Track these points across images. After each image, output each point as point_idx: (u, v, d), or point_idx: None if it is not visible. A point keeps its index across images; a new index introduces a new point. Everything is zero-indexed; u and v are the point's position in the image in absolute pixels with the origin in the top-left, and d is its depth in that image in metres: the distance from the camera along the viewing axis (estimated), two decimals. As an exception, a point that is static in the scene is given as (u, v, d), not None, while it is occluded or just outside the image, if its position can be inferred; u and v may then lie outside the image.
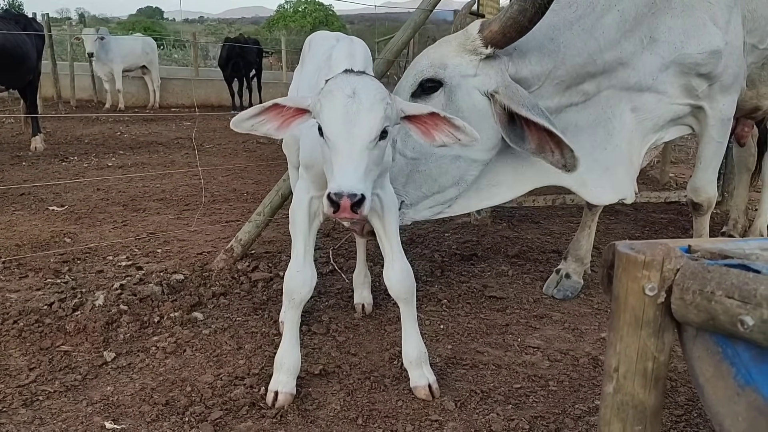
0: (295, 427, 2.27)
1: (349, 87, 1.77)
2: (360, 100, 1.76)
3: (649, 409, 1.19)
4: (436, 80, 2.65)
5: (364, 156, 1.78)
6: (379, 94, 1.81)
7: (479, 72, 2.63)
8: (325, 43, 2.62)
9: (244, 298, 3.36)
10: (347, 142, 1.77)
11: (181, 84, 14.91)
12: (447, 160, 2.71)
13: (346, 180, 1.73)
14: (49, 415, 2.30)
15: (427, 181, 2.74)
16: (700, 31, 2.94)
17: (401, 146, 2.69)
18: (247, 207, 5.27)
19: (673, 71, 2.98)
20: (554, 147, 2.58)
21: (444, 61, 2.65)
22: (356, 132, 1.76)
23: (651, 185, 6.52)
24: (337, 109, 1.76)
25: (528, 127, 2.60)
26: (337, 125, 1.78)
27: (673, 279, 1.13)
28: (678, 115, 3.14)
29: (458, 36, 2.69)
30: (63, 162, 7.24)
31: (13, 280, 3.53)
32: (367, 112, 1.77)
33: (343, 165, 1.76)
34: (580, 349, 2.91)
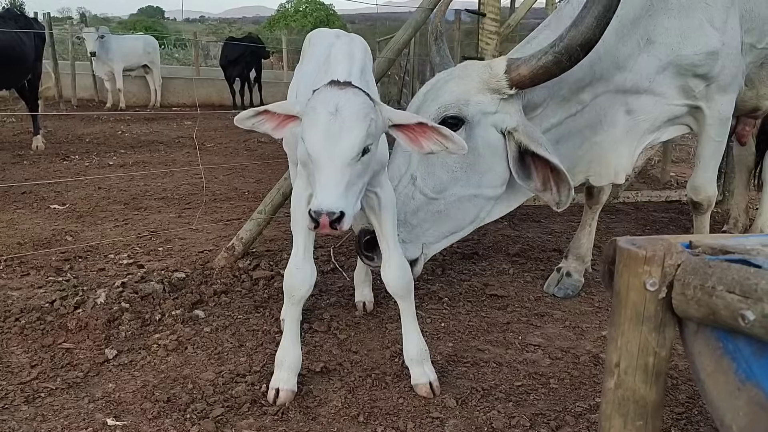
0: (297, 424, 2.28)
1: (332, 104, 1.75)
2: (342, 118, 1.75)
3: (650, 405, 1.19)
4: (459, 117, 2.61)
5: (346, 173, 1.79)
6: (362, 111, 1.78)
7: (499, 110, 2.62)
8: (325, 41, 2.62)
9: (245, 296, 3.37)
10: (328, 160, 1.78)
11: (182, 83, 14.92)
12: (465, 200, 2.70)
13: (326, 198, 1.75)
14: (51, 412, 2.30)
15: (446, 221, 2.73)
16: (696, 32, 2.94)
17: (422, 184, 2.66)
18: (248, 205, 5.27)
19: (671, 73, 2.99)
20: (554, 185, 2.61)
21: (467, 98, 2.61)
22: (338, 150, 1.76)
23: (652, 184, 6.52)
24: (319, 126, 1.76)
25: (535, 165, 2.62)
26: (318, 142, 1.78)
27: (674, 274, 1.13)
28: (675, 116, 3.15)
29: (482, 71, 2.65)
30: (64, 161, 7.25)
31: (14, 278, 3.53)
32: (349, 131, 1.76)
33: (324, 182, 1.78)
34: (581, 347, 2.91)
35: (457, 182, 2.65)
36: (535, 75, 2.51)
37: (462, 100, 2.61)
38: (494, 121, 2.63)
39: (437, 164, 2.64)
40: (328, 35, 2.70)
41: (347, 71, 2.10)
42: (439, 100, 2.65)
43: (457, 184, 2.65)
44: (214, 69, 16.83)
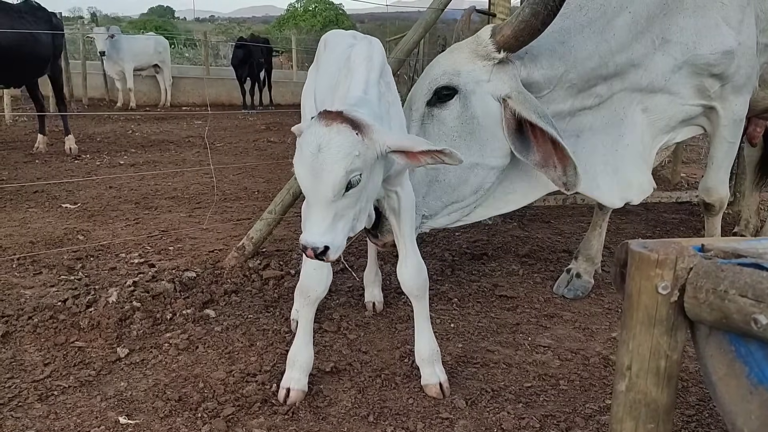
0: (307, 423, 2.29)
1: (314, 143, 1.78)
2: (323, 158, 1.77)
3: (662, 408, 1.19)
4: (450, 87, 2.64)
5: (330, 209, 1.83)
6: (342, 150, 1.78)
7: (492, 77, 2.63)
8: (341, 42, 2.63)
9: (255, 295, 3.38)
10: (313, 197, 1.83)
11: (192, 83, 14.99)
12: (466, 169, 2.69)
13: (310, 234, 1.83)
14: (64, 409, 2.33)
15: (446, 190, 2.73)
16: (712, 31, 2.92)
17: None
18: (258, 205, 5.30)
19: (686, 72, 2.97)
20: (557, 162, 2.57)
21: (457, 68, 2.65)
22: (320, 189, 1.80)
23: (662, 185, 6.49)
24: (303, 164, 1.80)
25: (535, 137, 2.60)
26: (303, 180, 1.83)
27: (686, 278, 1.13)
28: (690, 116, 3.13)
29: (470, 42, 2.69)
30: (75, 160, 7.30)
31: (27, 276, 3.57)
32: (329, 171, 1.78)
33: (310, 218, 1.85)
34: (591, 349, 2.91)
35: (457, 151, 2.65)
36: (518, 31, 2.50)
37: (452, 71, 2.65)
38: (490, 89, 2.63)
39: (434, 135, 2.67)
40: (345, 36, 2.71)
41: (365, 78, 2.10)
42: (430, 74, 2.70)
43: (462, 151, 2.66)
44: (224, 68, 16.90)
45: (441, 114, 2.67)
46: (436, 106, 2.68)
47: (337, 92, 2.19)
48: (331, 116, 1.82)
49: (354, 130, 1.81)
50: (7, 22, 6.61)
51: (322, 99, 2.51)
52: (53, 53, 7.49)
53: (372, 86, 2.11)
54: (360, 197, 1.92)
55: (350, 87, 2.10)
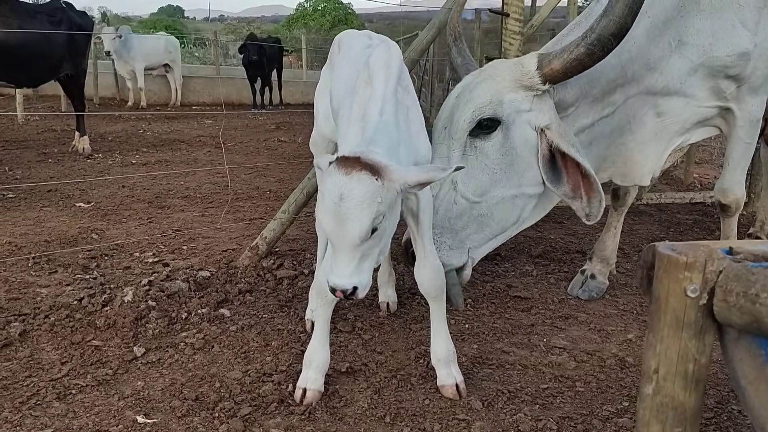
0: (324, 424, 2.29)
1: (336, 193, 1.80)
2: (347, 207, 1.80)
3: (689, 411, 1.19)
4: (494, 119, 2.58)
5: (357, 252, 1.87)
6: (366, 200, 1.81)
7: (533, 107, 2.59)
8: (357, 43, 2.62)
9: (269, 295, 3.39)
10: (339, 242, 1.86)
11: (202, 82, 15.04)
12: (508, 201, 2.66)
13: (338, 278, 1.87)
14: (83, 408, 2.34)
15: (490, 224, 2.68)
16: (729, 33, 2.91)
17: (463, 188, 2.61)
18: (271, 205, 5.31)
19: (702, 74, 2.96)
20: (584, 193, 2.57)
21: (500, 97, 2.58)
22: (346, 234, 1.83)
23: (675, 186, 6.46)
24: (327, 213, 1.83)
25: (566, 168, 2.58)
26: (328, 226, 1.85)
27: (715, 281, 1.13)
28: (705, 117, 3.12)
29: (513, 69, 2.62)
30: (88, 159, 7.33)
31: (43, 275, 3.59)
32: (354, 221, 1.81)
33: (337, 261, 1.89)
34: (607, 350, 2.89)
35: (498, 183, 2.62)
36: (568, 68, 2.48)
37: (495, 101, 2.58)
38: (529, 119, 2.59)
39: (477, 167, 2.62)
40: (360, 37, 2.71)
41: (383, 92, 2.10)
42: (473, 103, 2.61)
43: (498, 185, 2.62)
44: (234, 68, 16.95)
45: (484, 146, 2.61)
46: (479, 137, 2.61)
47: (356, 101, 2.20)
48: (349, 163, 1.83)
49: (374, 176, 1.82)
50: (16, 22, 6.53)
51: (338, 102, 2.51)
52: (70, 53, 7.28)
53: (389, 100, 2.10)
54: (384, 235, 1.96)
55: (368, 108, 2.10)
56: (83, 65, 7.71)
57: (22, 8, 6.86)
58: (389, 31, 17.64)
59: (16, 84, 7.33)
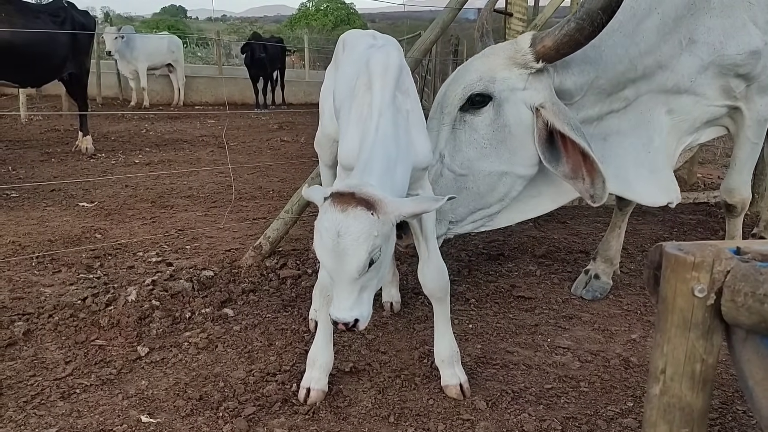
0: (328, 424, 2.29)
1: (333, 229, 1.82)
2: (344, 243, 1.82)
3: (697, 412, 1.18)
4: (485, 95, 2.61)
5: (356, 284, 1.89)
6: (362, 234, 1.82)
7: (528, 86, 2.60)
8: (360, 43, 2.62)
9: (273, 294, 3.39)
10: (337, 276, 1.88)
11: (204, 82, 15.04)
12: (495, 177, 2.69)
13: (339, 311, 1.90)
14: (87, 408, 2.34)
15: (474, 198, 2.71)
16: (739, 31, 2.90)
17: (449, 161, 2.66)
18: (273, 204, 5.31)
19: (712, 72, 2.95)
20: (586, 174, 2.55)
21: (493, 74, 2.61)
22: (344, 270, 1.85)
23: (679, 186, 6.43)
24: (326, 248, 1.85)
25: (565, 148, 2.57)
26: (326, 261, 1.88)
27: (723, 281, 1.12)
28: (714, 117, 3.11)
29: (507, 48, 2.65)
30: (91, 159, 7.34)
31: (46, 274, 3.59)
32: (351, 256, 1.83)
33: (337, 294, 1.91)
34: (611, 350, 2.89)
35: (487, 158, 2.63)
36: (560, 45, 2.48)
37: (487, 77, 2.61)
38: (524, 98, 2.60)
39: (465, 141, 2.65)
40: (364, 37, 2.70)
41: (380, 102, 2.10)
42: (464, 79, 2.66)
43: (486, 160, 2.64)
44: (237, 68, 16.96)
45: (474, 120, 2.65)
46: (469, 112, 2.65)
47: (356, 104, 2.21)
48: (345, 200, 1.84)
49: (369, 212, 1.83)
50: (20, 21, 6.53)
51: (341, 101, 2.50)
52: (74, 53, 7.28)
53: (385, 112, 2.09)
54: (381, 266, 1.97)
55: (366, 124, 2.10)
56: (86, 65, 7.71)
57: (26, 8, 6.86)
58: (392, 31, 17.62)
59: (20, 84, 7.32)
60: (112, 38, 12.37)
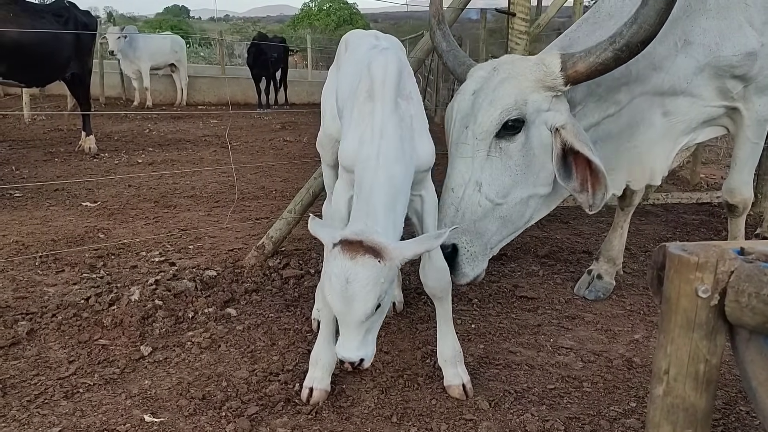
0: (330, 423, 2.29)
1: (342, 276, 1.89)
2: (353, 290, 1.89)
3: (700, 413, 1.18)
4: (520, 119, 2.53)
5: (362, 327, 1.96)
6: (371, 281, 1.89)
7: (551, 107, 2.56)
8: (363, 43, 2.62)
9: (276, 294, 3.39)
10: (345, 318, 1.95)
11: (207, 82, 15.05)
12: (524, 201, 2.63)
13: (346, 351, 1.97)
14: (90, 407, 2.34)
15: (507, 224, 2.64)
16: (735, 33, 2.89)
17: (487, 190, 2.54)
18: (276, 204, 5.32)
19: (708, 74, 2.94)
20: (590, 187, 2.56)
21: (525, 98, 2.53)
22: (352, 314, 1.92)
23: (682, 186, 6.44)
24: (335, 293, 1.91)
25: (576, 165, 2.56)
26: (335, 306, 1.94)
27: (727, 281, 1.12)
28: (711, 117, 3.10)
29: (535, 70, 2.56)
30: (94, 158, 7.35)
31: (50, 274, 3.60)
32: (361, 300, 1.90)
33: (345, 335, 1.98)
34: (614, 351, 2.89)
35: (518, 185, 2.59)
36: (593, 71, 2.46)
37: (521, 101, 2.52)
38: (546, 119, 2.55)
39: (500, 169, 2.56)
40: (367, 37, 2.70)
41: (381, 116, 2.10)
42: (500, 104, 2.52)
43: (518, 186, 2.59)
44: (239, 68, 16.96)
45: (509, 147, 2.54)
46: (504, 139, 2.54)
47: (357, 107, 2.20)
48: (353, 248, 1.91)
49: (376, 259, 1.90)
50: (26, 21, 6.54)
51: (343, 101, 2.50)
52: (77, 52, 7.32)
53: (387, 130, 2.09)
54: (385, 308, 2.03)
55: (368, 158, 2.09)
56: (89, 64, 7.74)
57: (31, 8, 6.90)
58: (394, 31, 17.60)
59: (25, 83, 7.35)
60: (115, 38, 12.39)
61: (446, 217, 2.48)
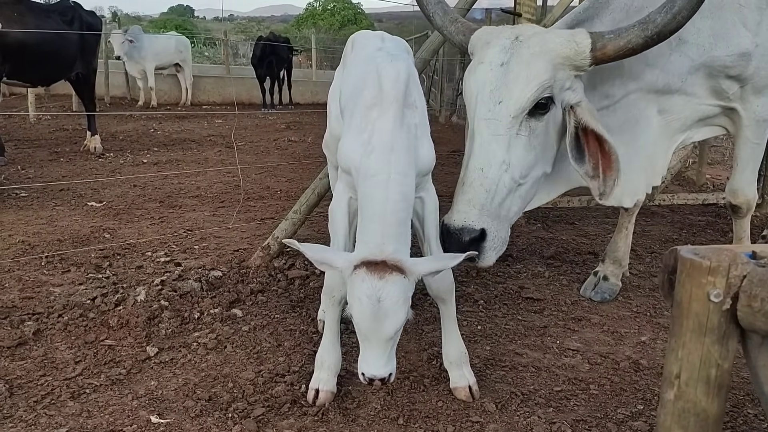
0: (337, 425, 2.29)
1: (374, 296, 1.92)
2: (385, 308, 1.92)
3: (712, 418, 1.17)
4: (551, 98, 2.46)
5: (390, 343, 1.99)
6: (401, 296, 1.94)
7: (571, 85, 2.50)
8: (368, 45, 2.61)
9: (281, 295, 3.39)
10: (375, 337, 1.96)
11: (212, 82, 15.08)
12: (537, 180, 2.57)
13: (376, 368, 1.98)
14: (96, 408, 2.34)
15: (519, 202, 2.56)
16: (729, 32, 2.88)
17: (514, 170, 2.45)
18: (281, 204, 5.32)
19: (703, 73, 2.93)
20: (602, 173, 2.51)
21: (555, 74, 2.45)
22: (383, 331, 1.95)
23: (688, 187, 6.42)
24: (366, 315, 1.93)
25: (588, 147, 2.51)
26: (366, 325, 1.95)
27: (739, 285, 1.11)
28: (707, 116, 3.08)
29: (566, 47, 2.46)
30: (99, 158, 7.36)
31: (56, 274, 3.60)
32: (393, 317, 1.93)
33: (373, 353, 1.99)
34: (621, 353, 2.88)
35: (537, 164, 2.52)
36: (619, 54, 2.41)
37: (552, 78, 2.44)
38: (563, 97, 2.49)
39: (525, 147, 2.46)
40: (373, 38, 2.69)
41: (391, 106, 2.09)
42: (537, 81, 2.41)
43: (537, 165, 2.52)
44: (244, 68, 16.97)
45: (537, 126, 2.47)
46: (534, 117, 2.46)
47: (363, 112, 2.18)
48: (379, 268, 1.94)
49: (403, 275, 1.94)
50: (31, 21, 6.57)
51: (346, 101, 2.49)
52: (82, 52, 7.33)
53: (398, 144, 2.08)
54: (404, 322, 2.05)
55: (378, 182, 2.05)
56: (94, 64, 7.75)
57: (37, 8, 6.92)
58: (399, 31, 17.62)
59: (30, 83, 7.39)
60: (120, 42, 12.40)
61: (475, 199, 2.37)
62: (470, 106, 2.55)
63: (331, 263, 2.03)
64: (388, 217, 2.01)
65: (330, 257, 2.05)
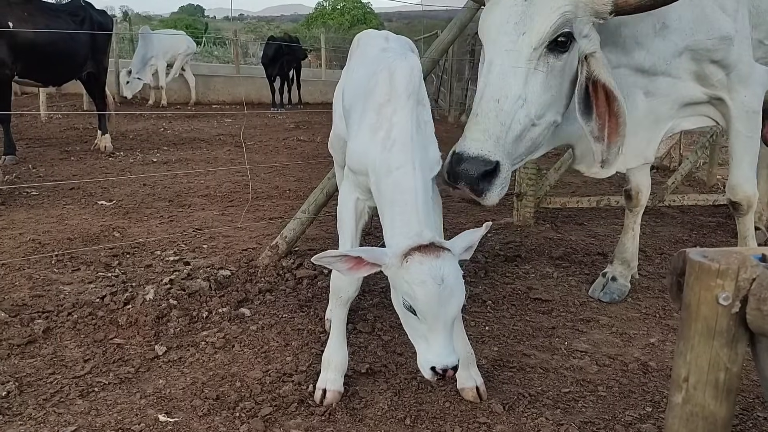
0: (344, 425, 2.29)
1: (438, 275, 1.91)
2: (450, 287, 1.92)
3: (720, 421, 1.17)
4: (571, 36, 2.35)
5: (451, 327, 1.98)
6: (459, 271, 1.97)
7: (588, 33, 2.42)
8: (373, 44, 2.61)
9: (289, 294, 3.40)
10: (441, 322, 1.94)
11: (221, 81, 15.12)
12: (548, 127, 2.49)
13: (446, 357, 1.95)
14: (105, 406, 2.36)
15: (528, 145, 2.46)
16: (709, 17, 2.87)
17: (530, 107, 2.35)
18: (290, 204, 5.32)
19: (687, 57, 2.91)
20: (606, 136, 2.46)
21: (578, 13, 2.35)
22: (449, 313, 1.94)
23: (698, 188, 6.38)
24: (432, 297, 1.91)
25: (597, 106, 2.44)
26: (433, 310, 1.92)
27: (748, 288, 1.10)
28: (693, 101, 3.03)
29: None
30: (109, 157, 7.40)
31: (66, 272, 3.62)
32: (458, 294, 1.95)
33: (440, 341, 1.96)
34: (629, 354, 2.86)
35: (552, 107, 2.45)
36: (642, 6, 2.35)
37: (573, 12, 2.35)
38: (580, 45, 2.41)
39: (543, 85, 2.37)
40: (377, 38, 2.69)
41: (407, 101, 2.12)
42: (560, 11, 2.31)
43: (551, 108, 2.45)
44: (253, 67, 17.02)
45: (555, 64, 2.37)
46: (553, 53, 2.35)
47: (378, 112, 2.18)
48: (432, 249, 1.95)
49: (452, 253, 1.98)
50: (42, 21, 6.63)
51: (349, 101, 2.49)
52: (93, 52, 7.39)
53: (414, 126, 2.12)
54: None
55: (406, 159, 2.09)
56: (104, 64, 7.81)
57: (47, 8, 6.96)
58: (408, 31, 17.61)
59: (42, 83, 7.44)
60: (125, 81, 12.40)
61: (491, 130, 2.27)
62: (489, 39, 2.45)
63: (373, 259, 2.01)
64: (420, 206, 2.04)
65: (377, 255, 2.02)
